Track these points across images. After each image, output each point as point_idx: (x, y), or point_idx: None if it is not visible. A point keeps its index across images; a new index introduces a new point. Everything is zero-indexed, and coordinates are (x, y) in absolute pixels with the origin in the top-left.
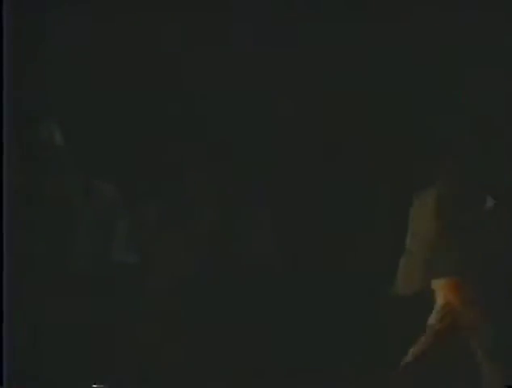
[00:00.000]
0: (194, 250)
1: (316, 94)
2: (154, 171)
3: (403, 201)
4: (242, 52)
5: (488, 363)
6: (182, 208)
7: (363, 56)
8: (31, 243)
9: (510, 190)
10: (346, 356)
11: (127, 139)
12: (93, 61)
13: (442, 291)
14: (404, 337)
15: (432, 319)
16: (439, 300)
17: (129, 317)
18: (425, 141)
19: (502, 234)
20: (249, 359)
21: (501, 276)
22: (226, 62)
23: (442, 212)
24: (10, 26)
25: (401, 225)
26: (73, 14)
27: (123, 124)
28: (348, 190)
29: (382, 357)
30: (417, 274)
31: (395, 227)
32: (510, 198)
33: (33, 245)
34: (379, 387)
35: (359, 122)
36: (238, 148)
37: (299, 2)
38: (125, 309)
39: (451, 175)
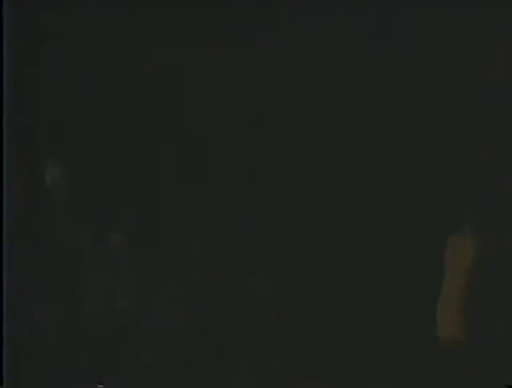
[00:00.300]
0: (193, 300)
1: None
2: (155, 225)
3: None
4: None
5: None
6: (183, 262)
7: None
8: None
9: None
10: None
11: (129, 188)
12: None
13: None
14: None
15: None
16: None
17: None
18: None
19: None
20: None
21: None
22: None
23: (477, 266)
24: (10, 26)
25: (404, 268)
26: (73, 14)
27: (124, 167)
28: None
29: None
30: (449, 318)
31: (399, 268)
32: None
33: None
34: None
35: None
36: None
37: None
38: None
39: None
